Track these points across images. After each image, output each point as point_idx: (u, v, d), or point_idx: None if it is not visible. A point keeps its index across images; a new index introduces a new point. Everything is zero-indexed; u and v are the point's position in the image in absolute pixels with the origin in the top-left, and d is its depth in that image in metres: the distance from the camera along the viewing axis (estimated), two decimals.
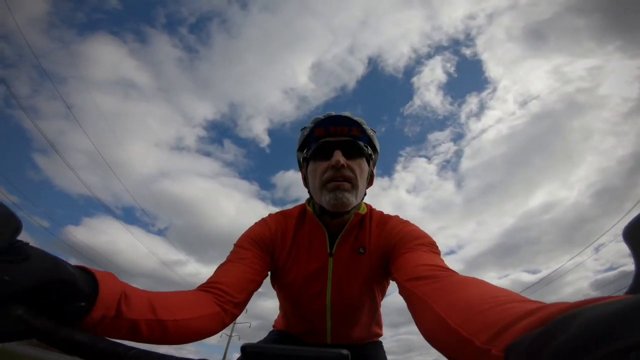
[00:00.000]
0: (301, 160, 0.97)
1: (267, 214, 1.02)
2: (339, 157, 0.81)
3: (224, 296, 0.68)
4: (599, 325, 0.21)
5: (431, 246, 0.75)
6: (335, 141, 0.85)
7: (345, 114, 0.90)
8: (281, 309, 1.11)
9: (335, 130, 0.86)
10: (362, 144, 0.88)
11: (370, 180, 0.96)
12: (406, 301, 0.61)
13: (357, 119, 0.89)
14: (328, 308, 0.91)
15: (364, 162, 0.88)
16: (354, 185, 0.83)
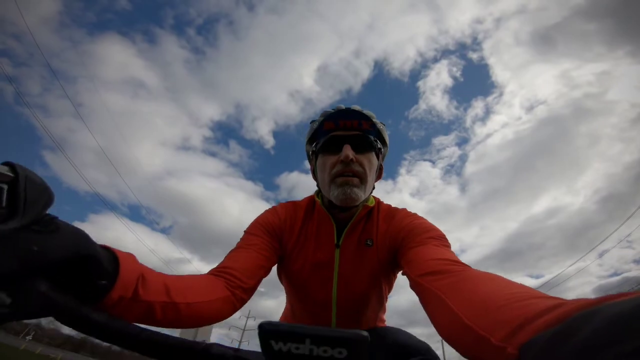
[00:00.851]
0: (310, 153, 0.97)
1: None
2: (348, 152, 0.81)
3: (234, 281, 0.69)
4: (619, 323, 0.20)
5: (441, 239, 0.74)
6: (345, 135, 0.86)
7: (355, 107, 0.90)
8: (287, 301, 1.12)
9: (345, 124, 0.86)
10: (372, 137, 0.88)
11: (380, 173, 0.97)
12: (419, 296, 0.61)
13: (367, 112, 0.89)
14: (334, 299, 0.91)
15: (373, 156, 0.88)
16: (362, 180, 0.84)
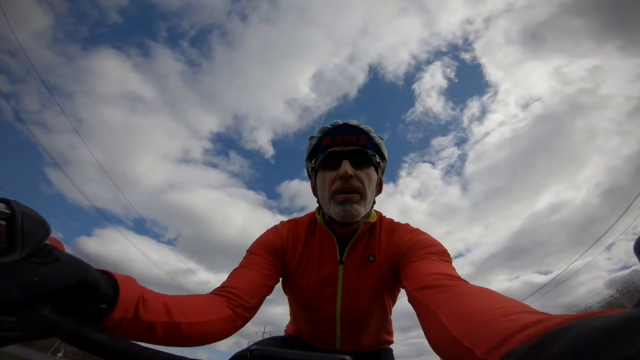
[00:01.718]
0: (310, 169, 0.98)
1: (274, 222, 1.04)
2: (346, 168, 0.81)
3: (237, 300, 0.70)
4: (590, 339, 0.21)
5: (442, 254, 0.74)
6: (343, 151, 0.86)
7: (352, 122, 0.90)
8: (291, 314, 1.12)
9: (343, 140, 0.86)
10: (370, 152, 0.88)
11: (379, 188, 0.96)
12: (415, 309, 0.62)
13: (365, 126, 0.90)
14: (338, 314, 0.91)
15: (372, 170, 0.88)
16: (362, 195, 0.83)
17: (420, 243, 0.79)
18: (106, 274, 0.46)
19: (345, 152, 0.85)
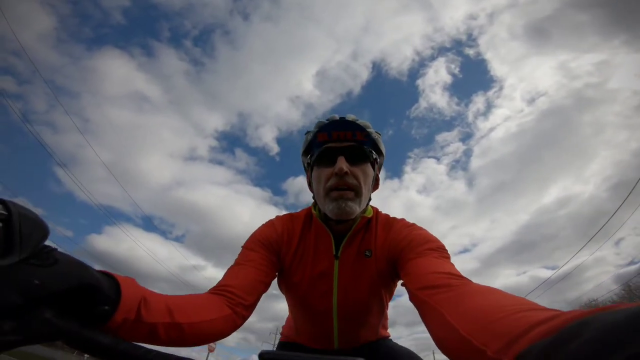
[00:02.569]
0: (305, 165, 0.97)
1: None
2: (342, 165, 0.80)
3: (235, 299, 0.69)
4: (615, 331, 0.20)
5: (440, 251, 0.74)
6: (339, 147, 0.84)
7: (350, 117, 0.89)
8: (289, 311, 1.12)
9: (339, 135, 0.84)
10: (367, 148, 0.86)
11: (376, 184, 0.95)
12: (418, 309, 0.61)
13: (362, 122, 0.88)
14: (334, 310, 0.91)
15: (368, 167, 0.86)
16: (357, 192, 0.83)
17: (419, 239, 0.78)
18: (107, 275, 0.46)
19: (341, 148, 0.84)
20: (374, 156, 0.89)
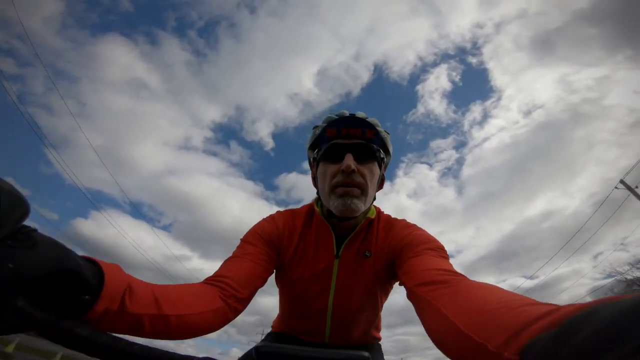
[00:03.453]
0: (311, 159, 0.95)
1: (271, 212, 1.01)
2: (349, 162, 0.79)
3: (229, 290, 0.67)
4: (619, 322, 0.20)
5: (439, 250, 0.74)
6: (347, 143, 0.83)
7: (360, 114, 0.87)
8: (281, 308, 1.10)
9: (348, 132, 0.83)
10: (375, 147, 0.85)
11: (381, 183, 0.94)
12: (415, 306, 0.61)
13: (372, 120, 0.87)
14: (329, 309, 0.91)
15: (375, 166, 0.85)
16: (363, 191, 0.81)
17: (418, 239, 0.78)
18: (90, 261, 0.41)
19: (349, 145, 0.82)
20: (382, 155, 0.88)
